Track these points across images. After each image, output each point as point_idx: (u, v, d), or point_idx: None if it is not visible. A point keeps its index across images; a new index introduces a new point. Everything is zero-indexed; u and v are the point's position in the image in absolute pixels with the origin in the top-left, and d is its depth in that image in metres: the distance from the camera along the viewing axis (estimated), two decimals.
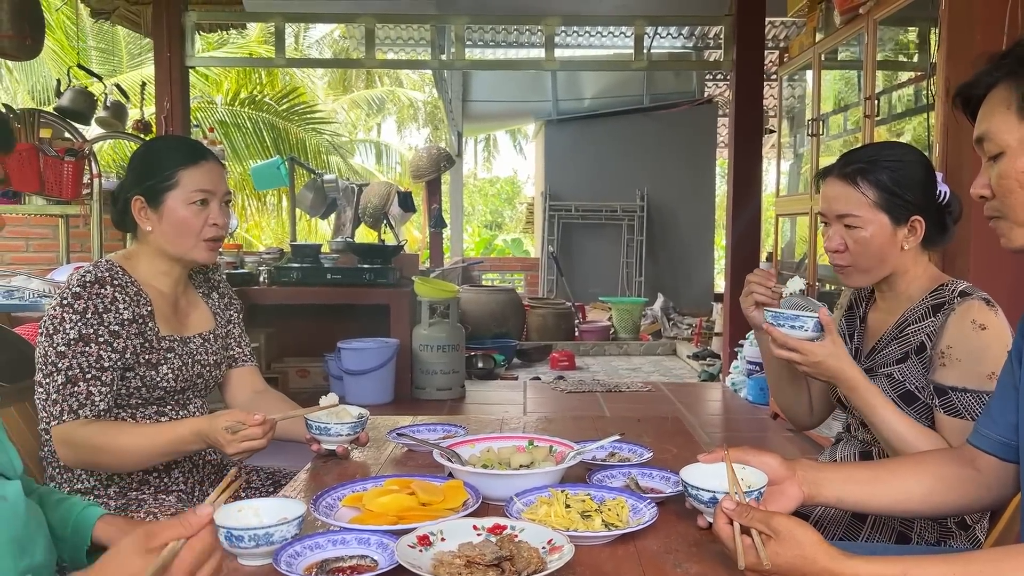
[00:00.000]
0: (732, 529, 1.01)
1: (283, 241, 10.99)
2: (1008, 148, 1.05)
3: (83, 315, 1.61)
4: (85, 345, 1.60)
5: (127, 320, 1.65)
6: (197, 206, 1.70)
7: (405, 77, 17.42)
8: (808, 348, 1.45)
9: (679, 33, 8.29)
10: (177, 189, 1.69)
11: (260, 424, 1.49)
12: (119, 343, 1.63)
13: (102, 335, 1.61)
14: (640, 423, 1.92)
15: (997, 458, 1.21)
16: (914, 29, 4.09)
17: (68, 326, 1.60)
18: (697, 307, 9.07)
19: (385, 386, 4.94)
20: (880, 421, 1.46)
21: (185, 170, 1.70)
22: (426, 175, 8.20)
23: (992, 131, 1.06)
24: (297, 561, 1.09)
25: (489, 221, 21.46)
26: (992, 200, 1.09)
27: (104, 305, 1.63)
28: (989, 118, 1.07)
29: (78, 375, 1.59)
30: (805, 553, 0.97)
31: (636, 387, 5.71)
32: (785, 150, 5.82)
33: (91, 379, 1.60)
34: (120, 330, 1.63)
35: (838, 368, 1.46)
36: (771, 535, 0.99)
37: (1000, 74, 1.06)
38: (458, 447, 1.50)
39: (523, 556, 1.03)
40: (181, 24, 5.46)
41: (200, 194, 1.70)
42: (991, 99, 1.07)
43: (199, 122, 9.42)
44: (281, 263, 5.36)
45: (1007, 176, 1.05)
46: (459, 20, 5.79)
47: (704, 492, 1.14)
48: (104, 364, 1.61)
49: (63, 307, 1.61)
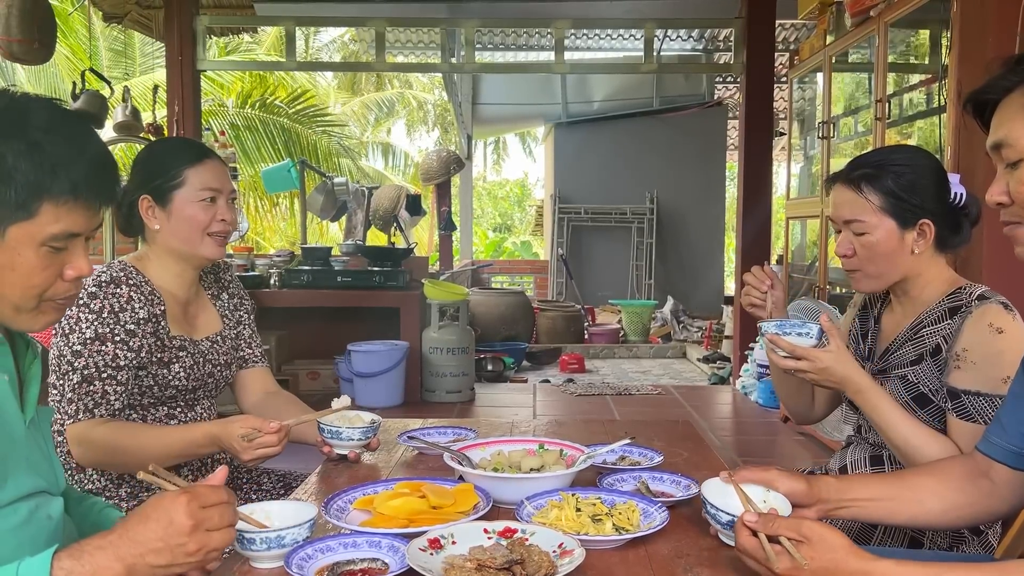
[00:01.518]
0: (757, 539, 1.01)
1: (294, 244, 11.03)
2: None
3: (99, 314, 1.62)
4: (101, 344, 1.61)
5: (142, 319, 1.67)
6: (206, 203, 1.73)
7: (415, 80, 17.47)
8: (815, 355, 1.45)
9: (689, 36, 8.28)
10: (185, 187, 1.72)
11: (276, 432, 1.50)
12: (135, 342, 1.65)
13: (118, 334, 1.63)
14: (650, 426, 1.91)
15: (1008, 467, 1.20)
16: (925, 32, 4.07)
17: (84, 325, 1.62)
18: (707, 310, 9.06)
19: (395, 389, 4.94)
20: (888, 425, 1.45)
21: (191, 168, 1.73)
22: (436, 178, 8.21)
23: (1012, 137, 1.05)
24: (309, 564, 1.09)
25: (499, 224, 21.48)
26: (1011, 206, 1.08)
27: (120, 304, 1.65)
28: (1008, 124, 1.05)
29: (94, 374, 1.60)
30: (838, 556, 0.97)
31: (646, 390, 5.69)
32: (795, 152, 5.80)
33: (107, 378, 1.61)
34: (136, 329, 1.65)
35: (844, 374, 1.46)
36: (802, 540, 0.99)
37: (1017, 79, 1.04)
38: (468, 450, 1.50)
39: (534, 560, 1.03)
40: (192, 28, 5.49)
41: (208, 192, 1.74)
42: (1008, 104, 1.06)
43: (210, 125, 9.47)
44: (292, 266, 5.38)
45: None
46: (469, 23, 5.80)
47: (723, 514, 1.13)
48: (120, 363, 1.62)
49: (79, 307, 1.63)
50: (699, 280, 9.83)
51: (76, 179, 0.99)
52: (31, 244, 0.98)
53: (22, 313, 1.02)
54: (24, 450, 1.04)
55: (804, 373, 1.48)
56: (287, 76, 12.06)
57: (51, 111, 1.01)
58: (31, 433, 1.07)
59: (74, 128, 1.01)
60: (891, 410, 1.46)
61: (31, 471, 1.05)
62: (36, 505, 1.06)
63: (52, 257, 1.00)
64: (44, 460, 1.10)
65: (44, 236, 0.98)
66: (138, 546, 0.92)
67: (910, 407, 1.52)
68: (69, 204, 0.99)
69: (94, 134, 1.05)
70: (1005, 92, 1.06)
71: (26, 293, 1.01)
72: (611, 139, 9.80)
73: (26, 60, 4.32)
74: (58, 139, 0.98)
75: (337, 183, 6.32)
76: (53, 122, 0.99)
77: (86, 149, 1.01)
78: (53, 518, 1.09)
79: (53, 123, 0.99)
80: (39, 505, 1.06)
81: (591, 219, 9.90)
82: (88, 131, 1.04)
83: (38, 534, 1.04)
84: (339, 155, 11.84)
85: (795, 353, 1.46)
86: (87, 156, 1.01)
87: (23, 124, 0.97)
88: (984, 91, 1.09)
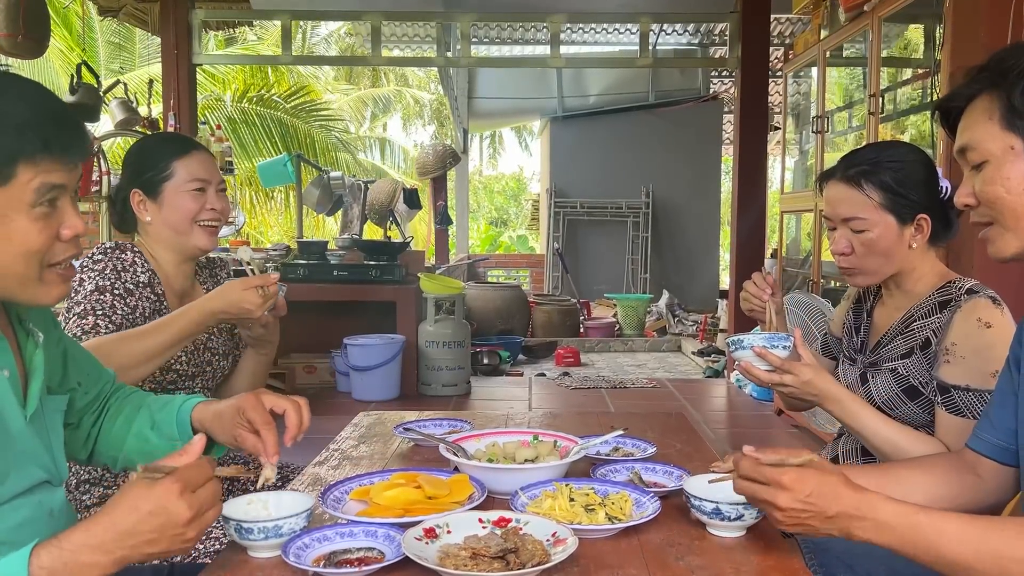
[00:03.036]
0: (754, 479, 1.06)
1: (290, 238, 11.03)
2: (992, 156, 1.08)
3: (102, 272, 1.69)
4: (101, 295, 1.67)
5: (142, 283, 1.72)
6: (195, 193, 1.77)
7: (411, 75, 17.43)
8: (799, 368, 1.45)
9: (684, 30, 8.28)
10: (173, 179, 1.76)
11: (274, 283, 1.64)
12: (131, 300, 1.69)
13: (117, 288, 1.68)
14: (644, 418, 1.93)
15: (996, 462, 1.23)
16: (919, 26, 4.09)
17: (87, 282, 1.68)
18: (702, 304, 9.08)
19: (391, 382, 4.96)
20: (867, 430, 1.46)
21: (178, 160, 1.77)
22: (432, 172, 8.21)
23: (975, 140, 1.09)
24: (305, 553, 1.11)
25: (495, 218, 21.47)
26: (978, 207, 1.12)
27: (123, 265, 1.71)
28: (972, 128, 1.10)
29: (88, 311, 1.65)
30: (828, 479, 1.03)
31: (641, 383, 5.72)
32: (790, 147, 5.82)
33: (101, 315, 1.65)
34: (134, 289, 1.71)
35: (823, 385, 1.47)
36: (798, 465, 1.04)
37: (980, 86, 1.09)
38: (464, 442, 1.52)
39: (527, 548, 1.05)
40: (188, 21, 5.48)
41: (196, 182, 1.78)
42: (972, 111, 1.10)
43: (207, 119, 9.45)
44: (288, 260, 5.39)
45: (992, 183, 1.08)
46: (465, 17, 5.80)
47: (707, 503, 1.17)
48: (116, 310, 1.66)
49: (83, 270, 1.69)
50: (694, 274, 9.85)
51: (45, 134, 0.96)
52: (20, 209, 0.96)
53: (28, 285, 1.00)
54: (24, 444, 1.05)
55: (785, 387, 1.48)
56: (286, 70, 12.03)
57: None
58: (32, 426, 1.07)
59: (24, 87, 0.99)
60: (870, 416, 1.47)
61: (32, 463, 1.06)
62: (39, 502, 1.06)
63: (45, 219, 0.98)
64: (45, 451, 1.10)
65: (29, 196, 0.96)
66: (130, 538, 0.92)
67: (900, 399, 1.53)
68: (45, 160, 0.97)
69: (46, 89, 1.03)
70: (968, 100, 1.11)
71: (28, 261, 0.98)
72: (607, 133, 9.80)
73: (14, 53, 4.29)
74: (14, 99, 0.96)
75: (333, 177, 6.32)
76: (2, 85, 0.97)
77: (45, 105, 0.99)
78: (54, 514, 1.09)
79: (3, 86, 0.97)
80: (42, 501, 1.07)
81: (587, 213, 9.91)
82: (39, 87, 1.01)
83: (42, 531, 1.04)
84: (335, 149, 11.82)
85: (783, 367, 1.45)
86: (48, 111, 0.99)
87: None
88: (950, 99, 1.14)
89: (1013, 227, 1.08)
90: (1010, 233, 1.09)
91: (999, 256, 1.12)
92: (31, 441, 1.06)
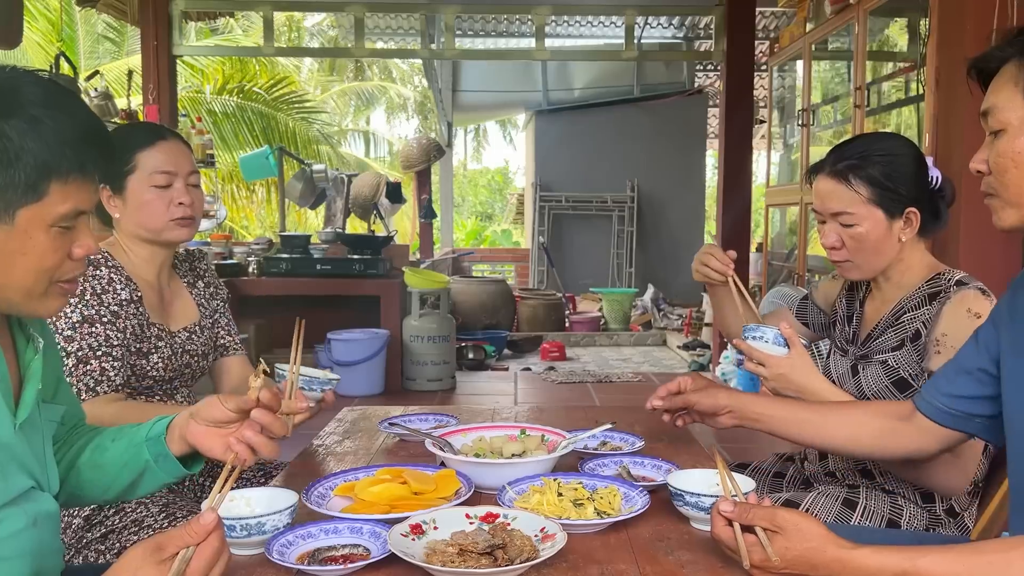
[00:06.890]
0: (732, 530, 1.01)
1: (273, 231, 10.94)
2: (1009, 126, 1.06)
3: (82, 297, 1.61)
4: (91, 326, 1.60)
5: (124, 301, 1.66)
6: (159, 188, 1.68)
7: (395, 67, 17.34)
8: (773, 361, 1.47)
9: (670, 23, 8.28)
10: (137, 172, 1.68)
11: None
12: (120, 323, 1.64)
13: (104, 315, 1.62)
14: (631, 412, 1.92)
15: (933, 421, 1.26)
16: (904, 19, 4.10)
17: (69, 310, 1.60)
18: (687, 298, 9.08)
19: (376, 377, 4.93)
20: None
21: (142, 152, 1.68)
22: (416, 165, 8.17)
23: (997, 106, 1.07)
24: (289, 550, 1.09)
25: (479, 212, 21.44)
26: (988, 176, 1.10)
27: (102, 287, 1.64)
28: (998, 92, 1.08)
29: (88, 354, 1.59)
30: (814, 545, 0.97)
31: (626, 377, 5.72)
32: (775, 140, 5.83)
33: (102, 355, 1.60)
34: (120, 310, 1.65)
35: (803, 382, 1.48)
36: (776, 530, 0.99)
37: (1013, 50, 1.07)
38: (450, 436, 1.50)
39: (516, 544, 1.03)
40: (168, 12, 5.41)
41: (160, 176, 1.68)
42: (1001, 75, 1.08)
43: (187, 111, 9.35)
44: (270, 254, 5.34)
45: (1004, 155, 1.07)
46: (449, 9, 5.76)
47: (706, 498, 1.15)
48: (113, 342, 1.61)
49: None
50: (679, 268, 9.86)
51: (83, 157, 0.94)
52: (41, 226, 0.93)
53: (32, 298, 0.98)
54: (12, 452, 0.99)
55: (763, 378, 1.52)
56: (268, 61, 11.92)
57: (42, 85, 0.95)
58: (24, 434, 1.02)
59: (69, 101, 0.96)
60: None
61: (20, 471, 1.00)
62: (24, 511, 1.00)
63: (61, 238, 0.96)
64: (36, 460, 1.04)
65: (54, 217, 0.93)
66: None
67: (890, 391, 1.53)
68: (77, 181, 0.95)
69: (85, 105, 1.00)
70: (1001, 62, 1.09)
71: (39, 277, 0.96)
72: (592, 127, 9.79)
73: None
74: (58, 114, 0.93)
75: (316, 170, 6.26)
76: (48, 96, 0.94)
77: (85, 122, 0.96)
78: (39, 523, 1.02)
79: (48, 97, 0.94)
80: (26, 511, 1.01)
81: (572, 207, 9.91)
82: (80, 103, 0.99)
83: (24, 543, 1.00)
84: (318, 142, 11.73)
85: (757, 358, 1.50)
86: (93, 133, 0.96)
87: (18, 100, 0.91)
88: (984, 60, 1.12)
89: (1016, 202, 1.07)
90: (1011, 208, 1.08)
91: (999, 226, 1.11)
92: (20, 449, 1.01)
